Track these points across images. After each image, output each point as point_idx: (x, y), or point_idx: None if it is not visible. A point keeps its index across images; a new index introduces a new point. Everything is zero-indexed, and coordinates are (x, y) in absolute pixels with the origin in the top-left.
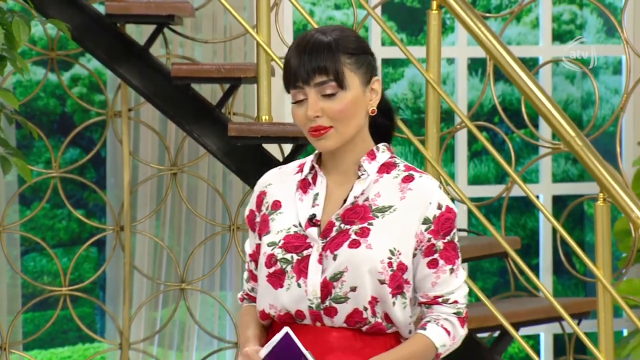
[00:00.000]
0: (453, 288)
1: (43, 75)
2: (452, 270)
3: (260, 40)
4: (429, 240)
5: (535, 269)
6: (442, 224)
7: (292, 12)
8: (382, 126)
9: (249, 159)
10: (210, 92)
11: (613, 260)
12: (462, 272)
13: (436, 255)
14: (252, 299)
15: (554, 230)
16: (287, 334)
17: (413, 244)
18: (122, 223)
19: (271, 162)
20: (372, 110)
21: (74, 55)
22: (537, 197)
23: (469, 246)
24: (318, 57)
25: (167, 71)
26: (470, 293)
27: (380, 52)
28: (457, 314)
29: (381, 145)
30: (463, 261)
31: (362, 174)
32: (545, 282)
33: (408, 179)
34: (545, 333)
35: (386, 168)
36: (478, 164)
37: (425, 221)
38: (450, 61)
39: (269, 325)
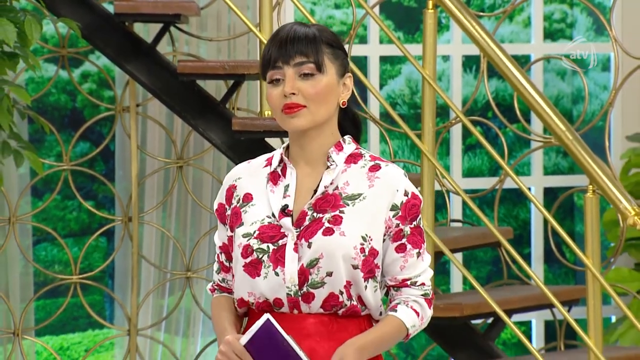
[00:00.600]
0: (420, 271)
1: (54, 72)
2: (418, 254)
3: (262, 38)
4: (397, 225)
5: (527, 258)
6: (409, 210)
7: (294, 11)
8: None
9: (252, 152)
10: (215, 88)
11: (602, 250)
12: (427, 255)
13: (404, 240)
14: (224, 290)
15: (545, 221)
16: (267, 320)
17: (382, 230)
18: (130, 214)
19: None
20: (343, 102)
21: (84, 53)
22: (529, 189)
23: (463, 236)
24: (300, 43)
25: (173, 68)
26: (465, 281)
27: (378, 50)
28: (424, 295)
29: (347, 137)
30: (458, 251)
31: (331, 165)
32: (536, 270)
33: (375, 168)
34: (537, 319)
35: (353, 158)
36: (472, 157)
37: (393, 208)
38: (446, 58)
39: (244, 313)
